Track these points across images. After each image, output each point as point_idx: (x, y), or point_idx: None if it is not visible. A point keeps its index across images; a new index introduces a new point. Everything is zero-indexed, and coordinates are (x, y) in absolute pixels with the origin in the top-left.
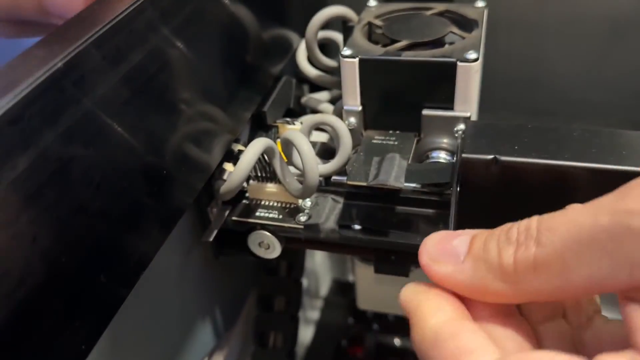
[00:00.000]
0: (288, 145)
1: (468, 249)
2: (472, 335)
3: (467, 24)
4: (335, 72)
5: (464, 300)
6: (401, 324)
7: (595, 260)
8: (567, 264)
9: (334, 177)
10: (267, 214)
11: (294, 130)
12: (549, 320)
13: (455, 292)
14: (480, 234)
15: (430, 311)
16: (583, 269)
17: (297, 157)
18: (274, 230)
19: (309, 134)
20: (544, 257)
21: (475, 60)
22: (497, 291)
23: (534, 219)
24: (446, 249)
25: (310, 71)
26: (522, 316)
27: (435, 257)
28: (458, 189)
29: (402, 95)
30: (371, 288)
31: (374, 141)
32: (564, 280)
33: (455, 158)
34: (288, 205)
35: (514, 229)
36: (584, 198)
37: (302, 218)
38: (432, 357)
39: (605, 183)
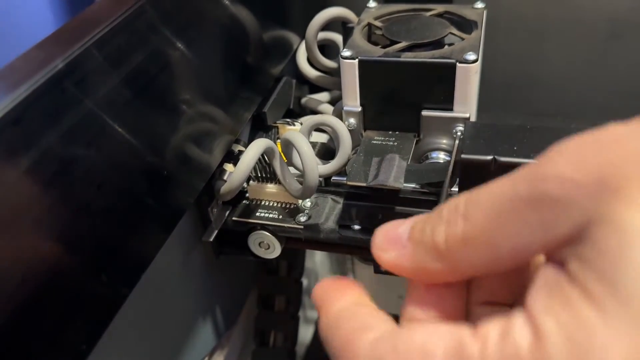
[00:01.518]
0: (288, 146)
1: (409, 234)
2: (370, 314)
3: (466, 25)
4: (335, 73)
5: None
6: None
7: (517, 230)
8: (492, 236)
9: (333, 178)
10: (267, 214)
11: (294, 131)
12: (490, 304)
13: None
14: (420, 218)
15: (334, 299)
16: (507, 240)
17: (297, 158)
18: (274, 231)
19: (308, 134)
20: (470, 231)
21: (475, 61)
22: (436, 270)
23: (462, 196)
24: (391, 237)
25: (310, 72)
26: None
27: (382, 246)
28: (453, 189)
29: (401, 96)
30: (371, 288)
31: (374, 142)
32: (491, 253)
33: (451, 158)
34: (288, 206)
35: (445, 208)
36: None
37: (302, 218)
38: (333, 339)
39: None
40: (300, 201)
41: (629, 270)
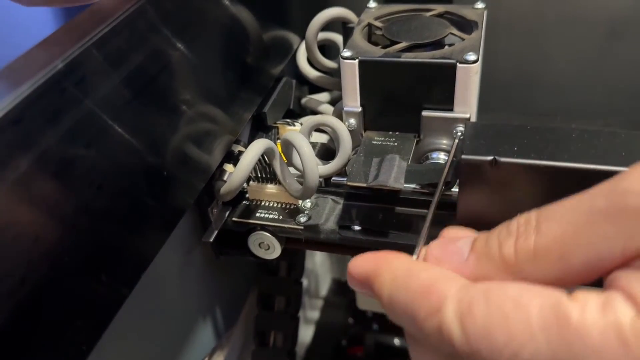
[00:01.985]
0: (288, 146)
1: (471, 248)
2: (446, 270)
3: (466, 26)
4: (335, 73)
5: None
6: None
7: (594, 242)
8: (566, 249)
9: (333, 178)
10: (267, 215)
11: (294, 131)
12: None
13: None
14: (483, 233)
15: (395, 258)
16: (581, 252)
17: (297, 158)
18: (274, 231)
19: (309, 135)
20: (543, 243)
21: (475, 61)
22: (494, 277)
23: (534, 212)
24: (450, 250)
25: (310, 72)
26: None
27: (440, 259)
28: (454, 189)
29: (401, 96)
30: None
31: (374, 142)
32: (564, 266)
33: (449, 158)
34: (288, 206)
35: (514, 223)
36: None
37: (302, 219)
38: (408, 288)
39: None
40: (300, 202)
41: None
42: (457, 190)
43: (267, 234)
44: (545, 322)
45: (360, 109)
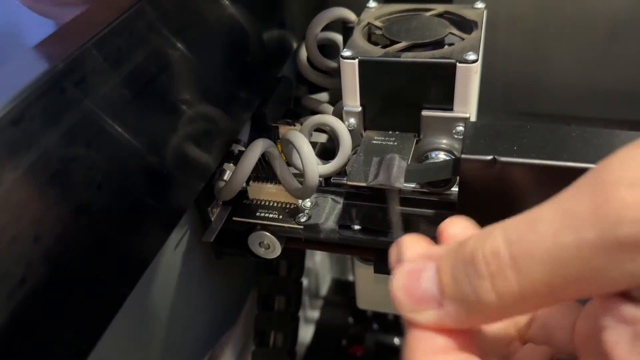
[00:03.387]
0: (288, 146)
1: (440, 290)
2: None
3: (466, 25)
4: (335, 73)
5: None
6: (401, 324)
7: (590, 280)
8: (558, 288)
9: (333, 178)
10: (267, 214)
11: (294, 131)
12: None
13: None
14: (443, 262)
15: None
16: (570, 288)
17: (297, 158)
18: (274, 231)
19: (308, 134)
20: (530, 286)
21: (475, 61)
22: (484, 321)
23: (499, 240)
24: (418, 296)
25: (310, 72)
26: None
27: (412, 308)
28: (453, 188)
29: (401, 96)
30: (371, 288)
31: (374, 142)
32: (554, 302)
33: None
34: (288, 206)
35: (479, 256)
36: None
37: (302, 218)
38: None
39: None
40: (300, 201)
41: None
42: (456, 189)
43: (267, 234)
44: None
45: (360, 109)
